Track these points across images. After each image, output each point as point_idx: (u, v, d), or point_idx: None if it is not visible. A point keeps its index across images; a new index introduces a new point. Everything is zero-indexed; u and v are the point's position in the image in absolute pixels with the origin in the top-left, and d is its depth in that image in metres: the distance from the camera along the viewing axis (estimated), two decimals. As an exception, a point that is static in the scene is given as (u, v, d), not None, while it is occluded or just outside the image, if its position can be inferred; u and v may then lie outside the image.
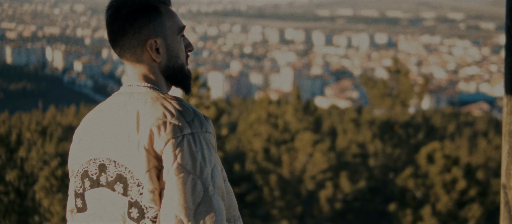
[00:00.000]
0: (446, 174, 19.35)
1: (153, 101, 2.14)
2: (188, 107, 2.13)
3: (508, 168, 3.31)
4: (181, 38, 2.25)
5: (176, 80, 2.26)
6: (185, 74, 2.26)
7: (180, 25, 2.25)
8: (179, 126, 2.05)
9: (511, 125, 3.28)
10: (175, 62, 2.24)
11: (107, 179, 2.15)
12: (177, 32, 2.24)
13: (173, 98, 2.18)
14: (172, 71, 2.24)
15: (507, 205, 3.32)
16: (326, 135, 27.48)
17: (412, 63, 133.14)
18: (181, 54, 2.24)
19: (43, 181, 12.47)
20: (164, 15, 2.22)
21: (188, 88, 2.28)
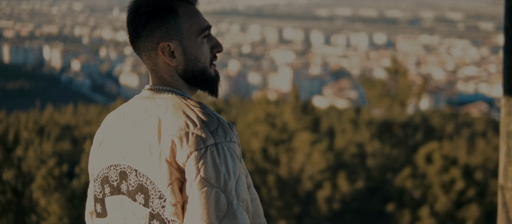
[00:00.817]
0: (444, 175, 19.36)
1: (175, 109, 2.06)
2: (212, 115, 2.05)
3: (506, 169, 3.29)
4: (203, 39, 2.15)
5: (198, 84, 2.18)
6: (208, 77, 2.17)
7: (200, 26, 2.14)
8: (202, 137, 1.98)
9: (509, 126, 3.26)
10: (194, 66, 2.15)
11: (128, 187, 2.10)
12: (196, 33, 2.14)
13: (196, 105, 2.09)
14: (192, 74, 2.16)
15: (504, 206, 3.31)
16: (325, 135, 27.46)
17: (411, 63, 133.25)
18: (201, 56, 2.14)
19: (40, 181, 12.44)
20: (181, 16, 2.13)
21: (213, 91, 2.20)
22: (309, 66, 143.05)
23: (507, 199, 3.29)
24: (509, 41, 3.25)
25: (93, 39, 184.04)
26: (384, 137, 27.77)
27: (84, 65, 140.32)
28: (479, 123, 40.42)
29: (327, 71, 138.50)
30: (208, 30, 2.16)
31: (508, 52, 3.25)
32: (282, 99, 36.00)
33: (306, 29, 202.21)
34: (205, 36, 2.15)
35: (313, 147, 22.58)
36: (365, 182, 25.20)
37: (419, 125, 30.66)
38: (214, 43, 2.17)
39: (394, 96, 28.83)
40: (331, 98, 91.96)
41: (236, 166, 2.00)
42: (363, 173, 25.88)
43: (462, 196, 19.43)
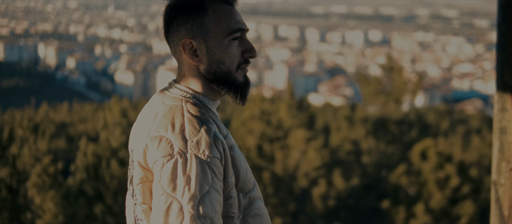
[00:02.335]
0: (439, 171, 19.39)
1: (169, 110, 2.02)
2: (197, 126, 1.97)
3: (499, 165, 3.31)
4: (231, 41, 2.05)
5: (221, 87, 2.08)
6: (232, 81, 2.08)
7: (230, 28, 2.06)
8: (173, 145, 1.93)
9: (502, 122, 3.27)
10: (217, 67, 2.06)
11: (131, 175, 2.15)
12: (224, 34, 2.05)
13: (194, 112, 2.02)
14: (214, 76, 2.07)
15: (497, 202, 3.32)
16: (320, 132, 27.49)
17: (406, 60, 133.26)
18: (226, 59, 2.05)
19: (35, 178, 12.43)
20: (210, 14, 2.06)
21: (237, 96, 2.09)
22: (305, 63, 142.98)
23: (500, 195, 3.30)
24: (502, 37, 3.26)
25: (88, 36, 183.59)
26: (379, 134, 27.81)
27: (79, 62, 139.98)
28: (474, 120, 40.51)
29: (323, 68, 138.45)
30: (239, 32, 2.07)
31: (501, 48, 3.27)
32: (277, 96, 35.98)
33: (301, 27, 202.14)
34: (235, 38, 2.06)
35: (308, 144, 22.60)
36: (360, 179, 25.24)
37: (414, 122, 30.73)
38: (246, 47, 2.08)
39: (389, 93, 28.85)
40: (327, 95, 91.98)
41: (206, 182, 1.90)
42: (358, 170, 25.92)
43: (457, 192, 19.47)
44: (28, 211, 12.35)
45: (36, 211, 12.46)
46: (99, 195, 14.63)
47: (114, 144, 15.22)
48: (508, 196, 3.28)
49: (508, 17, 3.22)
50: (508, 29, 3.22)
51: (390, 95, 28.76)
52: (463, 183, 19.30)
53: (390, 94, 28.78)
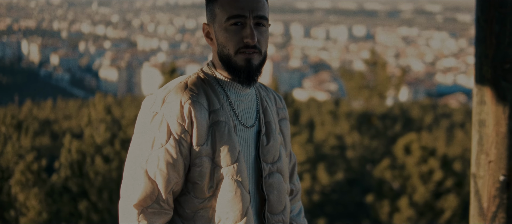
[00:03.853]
0: (423, 165, 19.49)
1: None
2: (172, 87, 2.22)
3: (478, 158, 3.34)
4: (230, 26, 2.21)
5: (226, 69, 2.26)
6: (232, 65, 2.23)
7: (229, 13, 2.20)
8: (152, 100, 2.21)
9: (480, 115, 3.30)
10: (221, 50, 2.24)
11: None
12: (224, 20, 2.21)
13: (186, 81, 2.26)
14: (221, 59, 2.25)
15: (477, 194, 3.35)
16: (304, 127, 27.54)
17: (390, 55, 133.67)
18: (227, 43, 2.21)
19: (19, 176, 12.37)
20: (221, 1, 2.22)
21: (238, 79, 2.25)
22: (289, 58, 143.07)
23: (479, 187, 3.33)
24: (480, 30, 3.28)
25: (72, 33, 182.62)
26: (363, 128, 27.90)
27: (63, 59, 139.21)
28: (457, 114, 40.74)
29: (307, 63, 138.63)
30: (238, 18, 2.20)
31: (480, 41, 3.29)
32: (262, 92, 35.92)
33: (286, 22, 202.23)
34: (234, 23, 2.20)
35: (293, 139, 22.63)
36: (344, 174, 25.32)
37: (398, 116, 30.84)
38: (245, 34, 2.20)
39: (373, 88, 28.96)
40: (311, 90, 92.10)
41: (151, 136, 2.17)
42: (343, 164, 26.00)
43: (441, 186, 19.58)
44: (12, 209, 12.29)
45: (20, 209, 12.40)
46: (83, 192, 14.57)
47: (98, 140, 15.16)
48: (487, 189, 3.31)
49: (486, 11, 3.24)
50: (486, 23, 3.25)
51: (374, 90, 28.86)
52: (447, 177, 19.42)
53: (374, 89, 28.89)
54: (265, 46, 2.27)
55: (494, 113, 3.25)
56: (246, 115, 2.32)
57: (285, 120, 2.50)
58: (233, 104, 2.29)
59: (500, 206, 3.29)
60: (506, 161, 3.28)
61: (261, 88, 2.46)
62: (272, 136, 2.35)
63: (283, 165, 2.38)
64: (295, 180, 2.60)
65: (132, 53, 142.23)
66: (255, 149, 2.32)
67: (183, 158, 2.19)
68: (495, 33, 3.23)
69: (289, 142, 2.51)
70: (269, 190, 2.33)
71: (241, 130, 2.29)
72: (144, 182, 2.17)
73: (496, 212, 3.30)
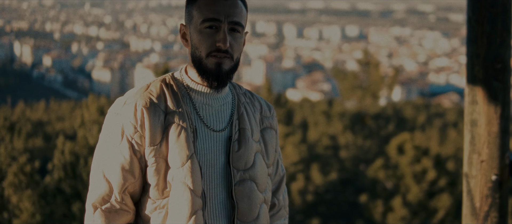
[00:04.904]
0: (416, 165, 19.53)
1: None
2: (134, 92, 2.28)
3: (470, 157, 3.35)
4: (205, 29, 2.22)
5: (197, 71, 2.28)
6: (202, 68, 2.25)
7: (204, 16, 2.21)
8: (115, 102, 2.29)
9: (472, 115, 3.32)
10: (194, 52, 2.25)
11: None
12: (199, 22, 2.22)
13: (155, 80, 2.33)
14: (193, 60, 2.27)
15: (469, 194, 3.36)
16: (298, 127, 27.55)
17: (383, 55, 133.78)
18: (200, 45, 2.22)
19: (12, 178, 12.32)
20: (198, 3, 2.23)
21: (207, 82, 2.27)
22: (282, 59, 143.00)
23: (471, 187, 3.34)
24: (472, 30, 3.29)
25: (64, 34, 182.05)
26: (357, 128, 27.93)
27: (55, 60, 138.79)
28: (450, 113, 40.80)
29: (300, 64, 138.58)
30: (212, 21, 2.21)
31: (471, 41, 3.30)
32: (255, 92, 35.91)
33: (279, 22, 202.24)
34: (208, 26, 2.21)
35: (286, 139, 22.64)
36: (338, 174, 25.34)
37: (391, 116, 30.89)
38: (219, 37, 2.21)
39: (366, 88, 28.99)
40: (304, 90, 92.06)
41: (108, 137, 2.26)
42: (336, 164, 26.01)
43: (434, 186, 19.63)
44: (5, 211, 12.26)
45: (13, 211, 12.36)
46: (77, 193, 14.54)
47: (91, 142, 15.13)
48: (479, 188, 3.32)
49: (478, 11, 3.26)
50: (477, 23, 3.26)
51: (367, 89, 28.90)
52: (440, 176, 19.46)
53: (367, 89, 28.92)
54: (238, 52, 2.27)
55: (486, 113, 3.26)
56: (215, 119, 2.31)
57: (270, 129, 2.46)
58: (198, 107, 2.29)
59: (492, 205, 3.31)
60: (498, 160, 3.29)
61: (244, 94, 2.46)
62: (244, 142, 2.32)
63: (257, 173, 2.34)
64: (280, 195, 2.58)
65: (125, 54, 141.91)
66: (226, 155, 2.30)
67: (138, 159, 2.24)
68: (486, 33, 3.24)
69: (273, 153, 2.47)
70: (239, 198, 2.30)
71: (207, 134, 2.28)
72: (100, 182, 2.25)
73: (488, 212, 3.31)
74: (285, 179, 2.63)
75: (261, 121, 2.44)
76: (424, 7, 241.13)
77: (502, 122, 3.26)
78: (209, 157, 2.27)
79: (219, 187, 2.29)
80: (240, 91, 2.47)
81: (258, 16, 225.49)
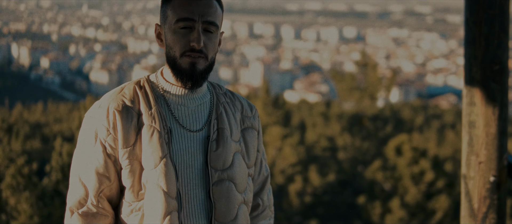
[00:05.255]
0: (414, 166, 19.54)
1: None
2: (109, 94, 2.30)
3: (468, 159, 3.35)
4: (179, 30, 2.21)
5: (171, 71, 2.28)
6: (177, 67, 2.25)
7: (178, 16, 2.21)
8: (92, 105, 2.30)
9: (470, 116, 3.32)
10: (169, 52, 2.26)
11: None
12: (173, 22, 2.22)
13: (129, 82, 2.35)
14: (168, 60, 2.28)
15: (467, 195, 3.37)
16: (296, 129, 27.55)
17: (381, 56, 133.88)
18: (174, 45, 2.22)
19: (10, 179, 12.31)
20: (172, 3, 2.23)
21: (181, 81, 2.27)
22: (280, 60, 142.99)
23: (469, 188, 3.34)
24: (469, 32, 3.30)
25: (62, 36, 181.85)
26: (355, 130, 27.93)
27: (53, 62, 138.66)
28: (448, 115, 40.82)
29: (298, 65, 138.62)
30: (186, 21, 2.21)
31: (469, 43, 3.31)
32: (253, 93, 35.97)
33: (277, 24, 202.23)
34: (182, 26, 2.21)
35: (284, 141, 22.64)
36: (336, 175, 25.33)
37: (389, 117, 30.89)
38: (193, 37, 2.20)
39: (364, 89, 29.00)
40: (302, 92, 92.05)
41: (83, 140, 2.27)
42: (334, 166, 26.01)
43: (432, 187, 19.64)
44: (3, 213, 12.24)
45: (11, 213, 12.35)
46: (74, 195, 14.53)
47: (89, 143, 15.13)
48: (477, 189, 3.32)
49: (475, 13, 3.26)
50: (475, 24, 3.27)
51: (365, 91, 28.91)
52: (438, 178, 19.47)
53: (365, 90, 28.94)
54: (212, 52, 2.26)
55: (483, 114, 3.27)
56: (191, 120, 2.31)
57: (251, 129, 2.45)
58: (173, 108, 2.29)
59: (490, 206, 3.31)
60: (496, 162, 3.29)
61: (225, 94, 2.44)
62: (222, 142, 2.31)
63: (235, 173, 2.32)
64: (264, 195, 2.56)
65: (123, 56, 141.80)
66: (204, 155, 2.30)
67: (112, 162, 2.25)
68: (484, 34, 3.24)
69: (255, 153, 2.45)
70: (216, 198, 2.29)
71: (183, 135, 2.28)
72: (77, 185, 2.26)
73: (486, 213, 3.32)
74: (269, 179, 2.61)
75: (241, 121, 2.43)
76: (422, 9, 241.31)
77: (500, 123, 3.26)
78: (186, 157, 2.27)
79: (198, 188, 2.28)
80: (220, 91, 2.44)
81: (256, 17, 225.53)
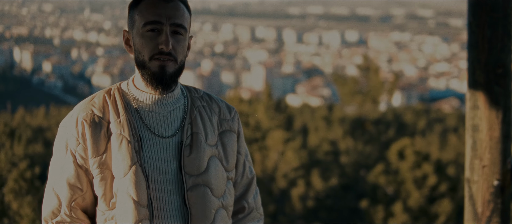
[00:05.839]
0: (417, 170, 19.51)
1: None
2: (80, 104, 2.30)
3: (472, 163, 3.34)
4: (146, 33, 2.19)
5: (141, 76, 2.26)
6: (146, 71, 2.23)
7: (145, 19, 2.19)
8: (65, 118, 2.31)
9: (474, 120, 3.31)
10: (137, 57, 2.23)
11: None
12: (141, 26, 2.20)
13: (100, 91, 2.33)
14: (137, 65, 2.25)
15: (471, 199, 3.36)
16: (298, 133, 27.53)
17: (383, 60, 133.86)
18: (142, 49, 2.20)
19: (12, 184, 12.31)
20: (139, 8, 2.21)
21: (151, 86, 2.25)
22: (282, 64, 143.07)
23: (473, 192, 3.34)
24: (472, 35, 3.29)
25: (64, 40, 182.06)
26: (357, 134, 27.91)
27: (55, 66, 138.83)
28: (450, 118, 40.77)
29: (300, 69, 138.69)
30: (154, 24, 2.19)
31: (472, 46, 3.30)
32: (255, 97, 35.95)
33: (278, 28, 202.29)
34: (150, 29, 2.19)
35: (286, 145, 22.62)
36: (338, 179, 25.30)
37: (391, 121, 30.86)
38: (161, 40, 2.18)
39: (366, 93, 28.98)
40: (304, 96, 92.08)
41: (57, 151, 2.29)
42: (337, 170, 25.98)
43: (435, 191, 19.60)
44: (5, 217, 12.24)
45: (13, 217, 12.35)
46: (77, 199, 14.54)
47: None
48: (481, 193, 3.31)
49: (478, 16, 3.25)
50: (478, 28, 3.26)
51: (367, 95, 28.89)
52: (441, 182, 19.44)
53: (367, 94, 28.91)
54: (181, 55, 2.24)
55: (487, 118, 3.26)
56: (163, 126, 2.28)
57: (229, 132, 2.41)
58: (143, 115, 2.27)
59: (494, 210, 3.30)
60: (500, 165, 3.28)
61: (201, 98, 2.41)
62: (196, 147, 2.28)
63: (211, 178, 2.29)
64: (249, 198, 2.54)
65: (125, 60, 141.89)
66: (178, 160, 2.27)
67: (84, 171, 2.25)
68: (487, 38, 3.23)
69: (234, 156, 2.41)
70: (192, 203, 2.27)
71: (154, 141, 2.26)
72: (50, 195, 2.28)
73: (490, 217, 3.31)
74: (255, 181, 2.57)
75: (219, 124, 2.39)
76: (424, 12, 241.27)
77: (503, 127, 3.25)
78: (158, 164, 2.25)
79: (173, 194, 2.26)
80: (196, 94, 2.41)
81: (258, 21, 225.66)
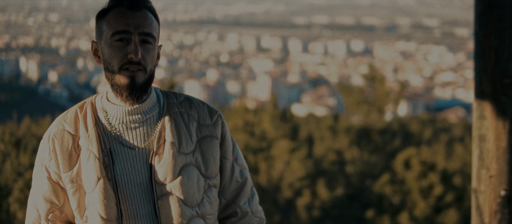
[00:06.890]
0: (423, 180, 19.45)
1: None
2: (56, 119, 2.31)
3: (479, 173, 3.32)
4: (115, 43, 2.17)
5: (111, 87, 2.25)
6: (115, 82, 2.21)
7: (113, 29, 2.17)
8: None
9: (481, 130, 3.30)
10: (107, 67, 2.22)
11: None
12: (109, 36, 2.18)
13: (74, 106, 2.33)
14: (107, 76, 2.24)
15: (478, 209, 3.34)
16: (303, 142, 27.50)
17: (388, 70, 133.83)
18: (111, 59, 2.18)
19: (18, 193, 12.29)
20: (107, 18, 2.19)
21: (121, 98, 2.23)
22: (288, 74, 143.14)
23: (480, 202, 3.32)
24: (479, 45, 3.28)
25: (70, 50, 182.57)
26: (363, 143, 27.86)
27: (61, 76, 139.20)
28: (456, 128, 40.67)
29: (305, 78, 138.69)
30: (122, 34, 2.17)
31: (479, 56, 3.29)
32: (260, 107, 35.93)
33: (284, 37, 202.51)
34: (118, 39, 2.17)
35: (292, 154, 22.60)
36: (344, 189, 25.25)
37: (397, 131, 30.81)
38: (130, 49, 2.16)
39: (372, 102, 28.95)
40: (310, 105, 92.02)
41: (35, 164, 2.33)
42: (342, 180, 25.93)
43: (441, 201, 19.54)
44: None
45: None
46: (82, 209, 14.55)
47: (97, 157, 15.15)
48: (488, 204, 3.29)
49: (485, 26, 3.24)
50: (485, 37, 3.25)
51: (373, 104, 28.86)
52: (447, 192, 19.37)
53: (372, 103, 28.88)
54: (151, 64, 2.22)
55: (494, 127, 3.25)
56: (134, 137, 2.26)
57: (210, 137, 2.35)
58: (114, 128, 2.26)
59: (501, 221, 3.28)
60: (507, 176, 3.27)
61: (180, 104, 2.36)
62: (164, 155, 2.25)
63: (182, 186, 2.25)
64: (241, 202, 2.51)
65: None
66: (149, 170, 2.26)
67: (59, 185, 2.29)
68: (494, 47, 3.23)
69: (215, 163, 2.36)
70: (162, 212, 2.25)
71: (125, 154, 2.25)
72: (31, 208, 2.34)
73: (497, 227, 3.29)
74: (248, 185, 2.52)
75: (198, 130, 2.34)
76: (429, 22, 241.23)
77: (510, 137, 3.24)
78: (131, 176, 2.24)
79: (144, 203, 2.25)
80: (175, 101, 2.36)
81: (263, 31, 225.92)
